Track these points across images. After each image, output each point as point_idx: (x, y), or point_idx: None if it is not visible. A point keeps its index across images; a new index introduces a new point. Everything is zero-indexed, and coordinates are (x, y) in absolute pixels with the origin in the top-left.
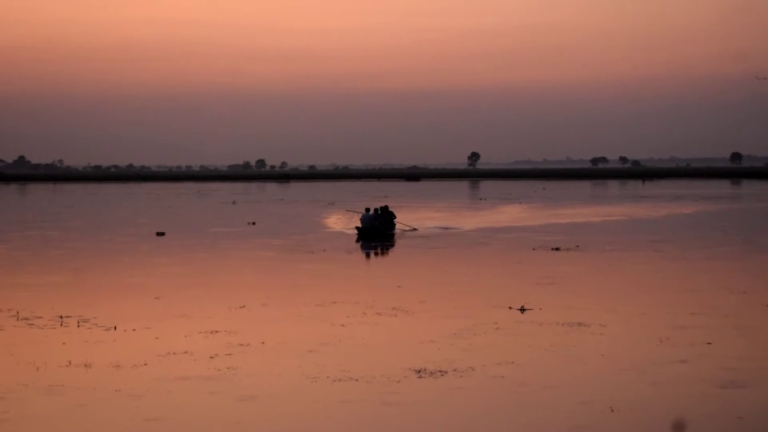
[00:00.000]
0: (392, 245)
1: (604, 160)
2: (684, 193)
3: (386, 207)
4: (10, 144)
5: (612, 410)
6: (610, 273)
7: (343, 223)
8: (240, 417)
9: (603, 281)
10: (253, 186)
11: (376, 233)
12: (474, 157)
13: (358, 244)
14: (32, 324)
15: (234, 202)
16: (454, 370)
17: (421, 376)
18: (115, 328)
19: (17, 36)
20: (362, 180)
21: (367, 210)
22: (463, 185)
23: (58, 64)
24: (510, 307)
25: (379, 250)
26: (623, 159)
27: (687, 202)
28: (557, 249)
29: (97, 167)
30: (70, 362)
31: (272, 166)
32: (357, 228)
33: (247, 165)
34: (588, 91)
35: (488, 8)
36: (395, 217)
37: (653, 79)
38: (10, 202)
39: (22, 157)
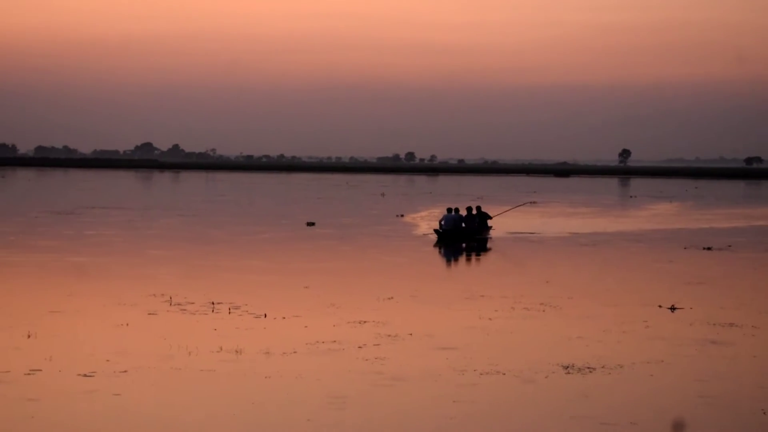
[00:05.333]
0: (487, 249)
1: (758, 159)
2: None
3: (479, 207)
4: (165, 132)
5: (764, 413)
6: (763, 274)
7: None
8: (386, 405)
9: (756, 282)
10: (402, 179)
11: (459, 237)
12: (625, 154)
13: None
14: (185, 309)
15: (383, 194)
16: (603, 367)
17: (569, 372)
18: (265, 315)
19: (175, 28)
20: (511, 175)
21: (449, 210)
22: (613, 182)
23: (214, 56)
24: (660, 306)
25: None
26: None
27: None
28: (709, 248)
29: (249, 157)
30: (221, 348)
31: (421, 159)
32: (436, 231)
33: (396, 157)
34: (742, 89)
35: (642, 3)
36: (489, 218)
37: None
38: (166, 189)
39: (176, 146)
